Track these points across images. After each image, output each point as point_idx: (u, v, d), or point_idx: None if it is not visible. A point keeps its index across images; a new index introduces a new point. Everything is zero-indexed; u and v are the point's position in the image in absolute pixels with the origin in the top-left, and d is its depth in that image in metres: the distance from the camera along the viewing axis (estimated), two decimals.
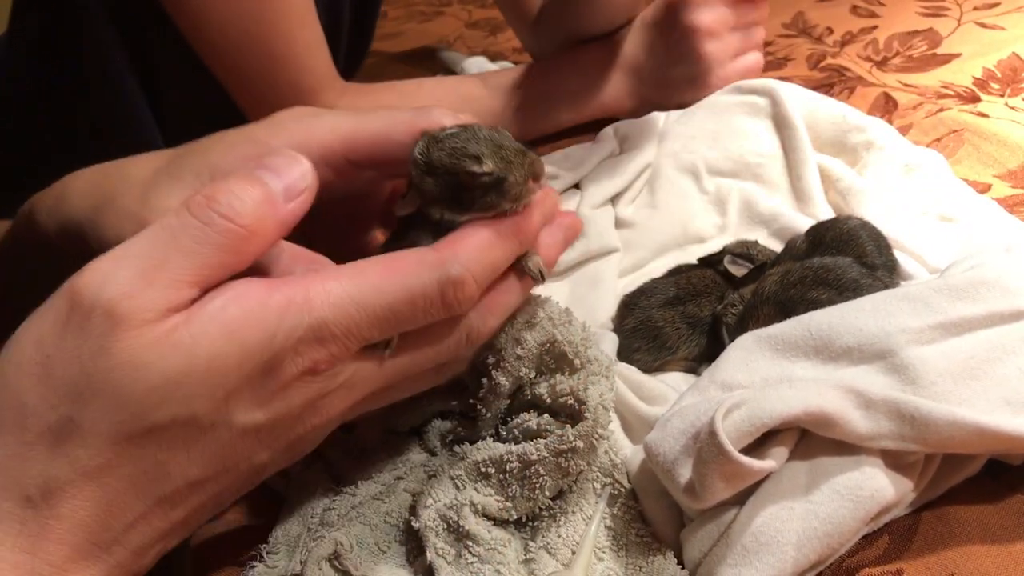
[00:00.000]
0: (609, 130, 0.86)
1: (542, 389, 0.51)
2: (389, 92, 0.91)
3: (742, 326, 0.59)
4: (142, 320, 0.36)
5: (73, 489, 0.36)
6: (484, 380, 0.51)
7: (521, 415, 0.52)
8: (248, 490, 0.43)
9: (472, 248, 0.42)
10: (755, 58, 0.94)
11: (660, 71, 0.93)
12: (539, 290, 0.71)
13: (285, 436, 0.41)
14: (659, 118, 0.85)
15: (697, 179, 0.79)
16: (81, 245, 0.50)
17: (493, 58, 1.06)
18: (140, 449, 0.36)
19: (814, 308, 0.55)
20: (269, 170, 0.40)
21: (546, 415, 0.51)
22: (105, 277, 0.36)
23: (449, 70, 1.07)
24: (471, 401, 0.53)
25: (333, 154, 0.49)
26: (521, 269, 0.48)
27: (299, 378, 0.39)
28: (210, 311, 0.37)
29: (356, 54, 1.10)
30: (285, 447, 0.41)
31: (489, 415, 0.53)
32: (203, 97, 0.94)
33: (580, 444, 0.49)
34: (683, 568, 0.49)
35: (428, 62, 1.13)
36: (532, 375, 0.51)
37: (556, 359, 0.51)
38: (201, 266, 0.37)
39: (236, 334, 0.37)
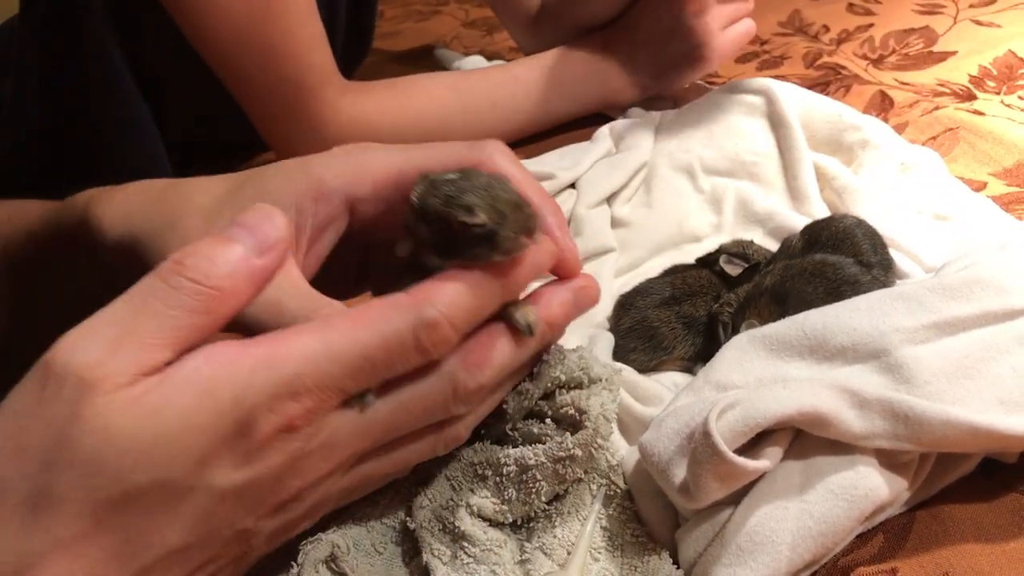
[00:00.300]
0: (605, 129, 0.86)
1: (544, 403, 0.51)
2: (389, 90, 0.91)
3: (740, 315, 0.59)
4: (113, 385, 0.35)
5: (49, 563, 0.34)
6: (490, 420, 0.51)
7: (523, 421, 0.52)
8: (243, 570, 0.42)
9: (448, 292, 0.41)
10: (746, 26, 0.94)
11: (655, 55, 0.93)
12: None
13: (268, 500, 0.39)
14: (655, 117, 0.86)
15: (693, 178, 0.79)
16: (137, 262, 0.50)
17: (490, 57, 1.06)
18: (117, 517, 0.35)
19: (805, 301, 0.55)
20: (241, 227, 0.39)
21: (548, 420, 0.51)
22: (76, 345, 0.36)
23: (445, 70, 1.07)
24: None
25: (386, 188, 0.49)
26: (514, 323, 0.46)
27: (276, 436, 0.37)
28: (182, 372, 0.36)
29: (355, 54, 1.10)
30: (270, 512, 0.40)
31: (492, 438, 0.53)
32: (203, 97, 0.94)
33: (578, 452, 0.49)
34: (678, 568, 0.49)
35: (425, 61, 1.13)
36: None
37: (559, 387, 0.51)
38: (172, 328, 0.37)
39: (207, 393, 0.36)
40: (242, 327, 0.45)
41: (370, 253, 0.55)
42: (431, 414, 0.43)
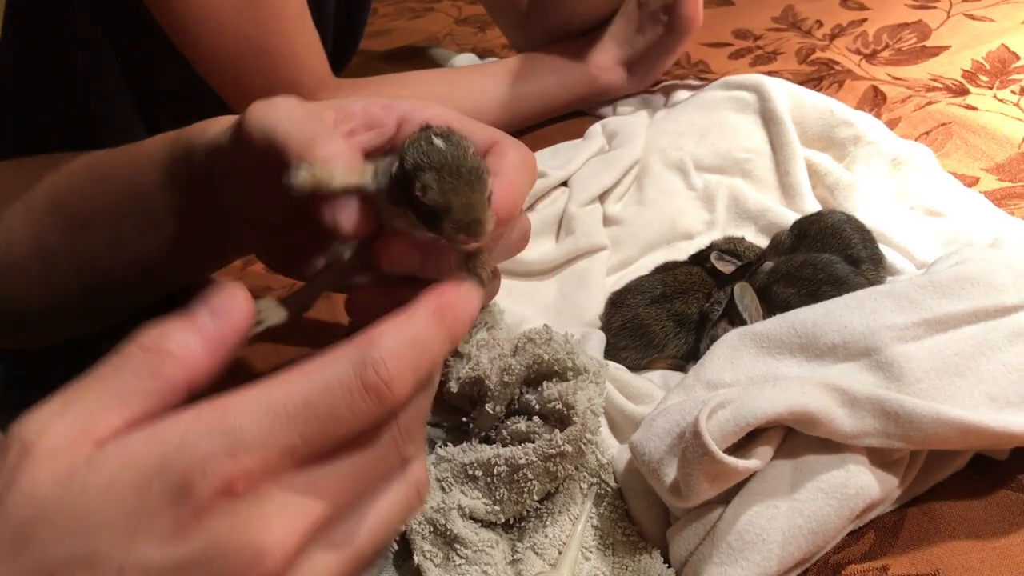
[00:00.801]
0: (597, 127, 0.86)
1: (531, 396, 0.51)
2: (383, 86, 0.91)
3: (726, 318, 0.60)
4: (49, 450, 0.33)
5: None
6: (476, 408, 0.51)
7: (511, 418, 0.52)
8: None
9: (392, 334, 0.37)
10: None
11: (637, 33, 0.95)
12: (530, 286, 0.71)
13: None
14: (646, 114, 0.86)
15: (685, 176, 0.79)
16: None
17: (482, 55, 1.06)
18: None
19: (788, 306, 0.56)
20: (203, 305, 0.38)
21: (535, 418, 0.51)
22: (32, 413, 0.34)
23: (438, 67, 1.07)
24: (463, 419, 0.53)
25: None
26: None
27: (214, 501, 0.33)
28: (116, 440, 0.34)
29: (343, 52, 1.10)
30: None
31: (481, 433, 0.53)
32: (193, 100, 0.94)
33: (568, 448, 0.49)
34: (669, 567, 0.49)
35: (417, 59, 1.13)
36: (522, 390, 0.51)
37: (544, 375, 0.51)
38: (119, 392, 0.35)
39: (133, 457, 0.33)
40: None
41: None
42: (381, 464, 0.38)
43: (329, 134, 0.48)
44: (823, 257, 0.61)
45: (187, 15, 0.78)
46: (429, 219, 0.42)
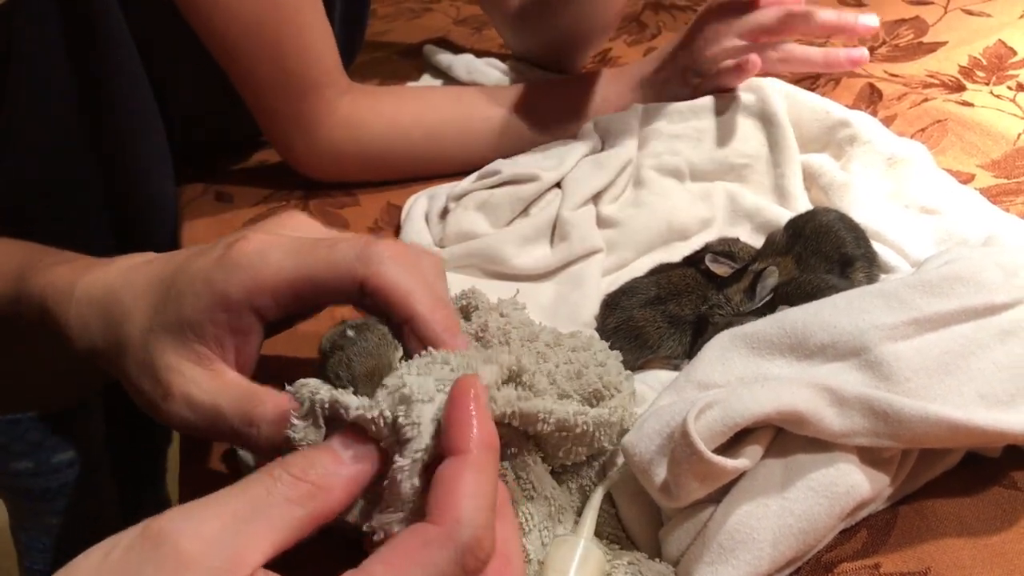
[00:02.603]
0: (589, 125, 0.86)
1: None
2: (388, 95, 0.91)
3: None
4: (209, 570, 0.34)
5: None
6: None
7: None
8: None
9: (467, 499, 0.37)
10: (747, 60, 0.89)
11: (664, 83, 0.91)
12: (524, 287, 0.72)
13: None
14: (639, 108, 0.85)
15: (680, 181, 0.79)
16: (109, 369, 0.54)
17: (480, 55, 1.06)
18: None
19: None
20: (339, 436, 0.41)
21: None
22: (179, 517, 0.35)
23: (436, 68, 1.08)
24: None
25: (284, 296, 0.49)
26: None
27: None
28: None
29: (347, 52, 1.10)
30: None
31: None
32: (205, 90, 0.94)
33: (615, 419, 0.50)
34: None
35: (415, 59, 1.13)
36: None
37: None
38: (270, 520, 0.36)
39: None
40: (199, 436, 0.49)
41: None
42: None
43: (261, 398, 0.48)
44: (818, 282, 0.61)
45: (204, 4, 0.79)
46: None
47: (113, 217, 0.96)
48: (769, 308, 0.60)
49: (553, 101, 0.91)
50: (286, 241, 0.50)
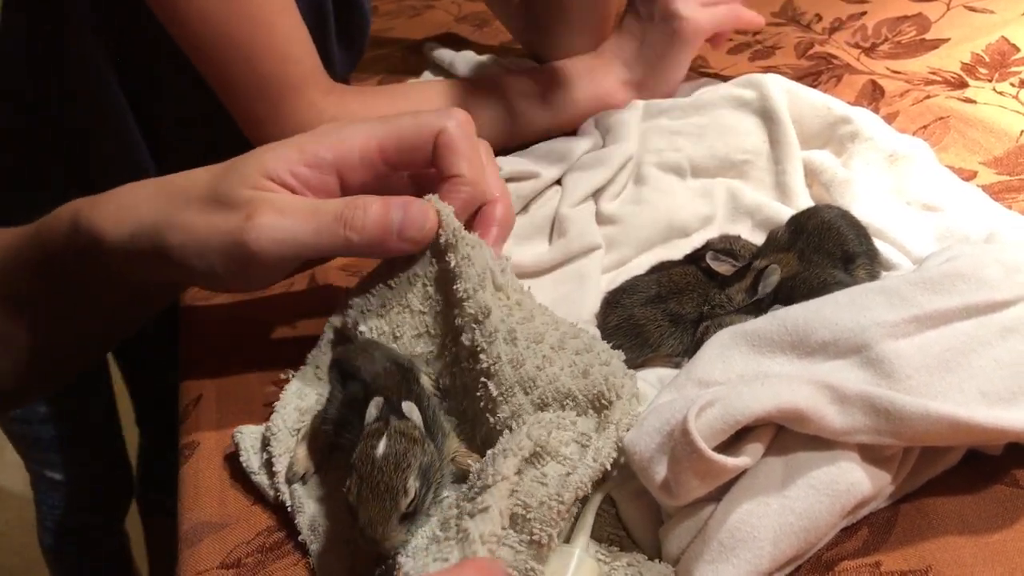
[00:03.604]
0: (591, 122, 0.86)
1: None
2: (377, 95, 0.90)
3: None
4: None
5: None
6: None
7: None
8: None
9: None
10: (725, 10, 0.91)
11: (641, 48, 0.91)
12: (524, 284, 0.72)
13: None
14: (639, 105, 0.85)
15: (682, 177, 0.79)
16: (141, 259, 0.55)
17: (481, 52, 1.06)
18: None
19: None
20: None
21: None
22: None
23: (438, 65, 1.07)
24: None
25: (370, 158, 0.55)
26: None
27: None
28: None
29: (349, 52, 1.10)
30: None
31: None
32: (194, 101, 0.94)
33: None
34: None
35: (417, 57, 1.13)
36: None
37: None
38: None
39: None
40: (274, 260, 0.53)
41: None
42: None
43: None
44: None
45: (172, 7, 0.78)
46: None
47: None
48: (763, 305, 0.60)
49: (553, 96, 0.90)
50: (372, 116, 0.57)
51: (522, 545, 0.46)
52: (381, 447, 0.48)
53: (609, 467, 0.49)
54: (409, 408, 0.50)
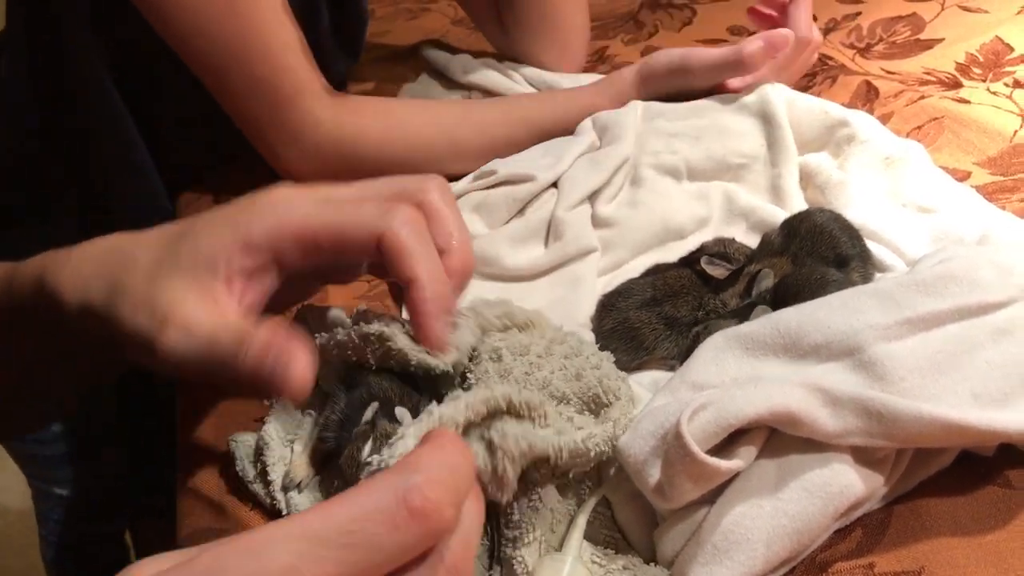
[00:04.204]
0: (588, 122, 0.86)
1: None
2: (376, 115, 0.89)
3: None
4: None
5: None
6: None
7: None
8: None
9: (429, 455, 0.36)
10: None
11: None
12: (519, 287, 0.72)
13: None
14: (638, 106, 0.85)
15: (678, 180, 0.79)
16: (96, 327, 0.53)
17: (477, 55, 1.06)
18: None
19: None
20: None
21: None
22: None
23: (433, 68, 1.08)
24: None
25: (306, 245, 0.51)
26: None
27: None
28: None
29: (347, 54, 1.10)
30: None
31: None
32: (189, 104, 0.94)
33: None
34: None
35: (413, 60, 1.13)
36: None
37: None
38: None
39: None
40: (189, 371, 0.49)
41: (286, 284, 0.56)
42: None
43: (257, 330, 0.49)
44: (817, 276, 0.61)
45: (169, 11, 0.79)
46: None
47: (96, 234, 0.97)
48: (749, 309, 0.60)
49: (546, 115, 0.90)
50: (315, 192, 0.52)
51: (486, 465, 0.45)
52: (366, 451, 0.48)
53: (593, 453, 0.48)
54: (402, 413, 0.50)
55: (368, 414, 0.51)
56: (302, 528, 0.33)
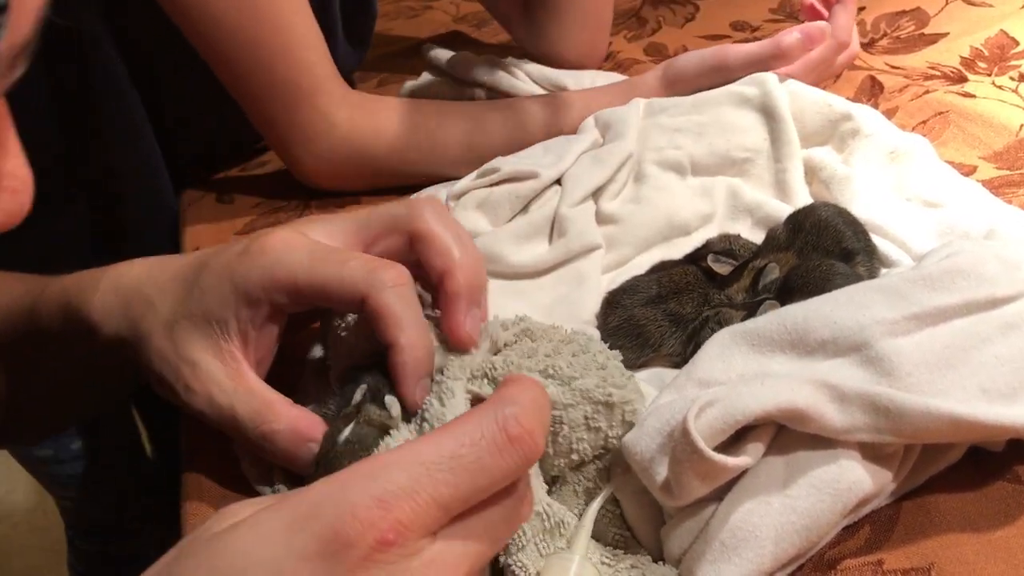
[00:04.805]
0: (590, 120, 0.85)
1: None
2: (390, 117, 0.88)
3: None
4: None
5: None
6: None
7: None
8: None
9: (521, 388, 0.39)
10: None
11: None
12: (524, 284, 0.72)
13: None
14: (640, 103, 0.85)
15: (681, 175, 0.79)
16: (131, 356, 0.56)
17: (479, 52, 1.06)
18: None
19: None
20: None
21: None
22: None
23: (436, 66, 1.07)
24: None
25: (292, 293, 0.53)
26: None
27: (365, 551, 0.34)
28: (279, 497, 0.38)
29: (354, 53, 1.10)
30: None
31: None
32: (191, 105, 0.94)
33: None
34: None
35: (416, 58, 1.13)
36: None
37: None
38: None
39: (286, 505, 0.35)
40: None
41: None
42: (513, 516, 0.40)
43: (276, 413, 0.53)
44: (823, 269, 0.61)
45: (188, 6, 0.78)
46: None
47: (106, 228, 0.96)
48: (758, 304, 0.60)
49: (562, 121, 0.89)
50: (304, 245, 0.54)
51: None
52: (345, 432, 0.48)
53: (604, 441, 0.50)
54: (391, 402, 0.50)
55: (357, 396, 0.50)
56: (415, 455, 0.36)
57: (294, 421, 0.53)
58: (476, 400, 0.51)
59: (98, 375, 0.63)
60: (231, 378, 0.53)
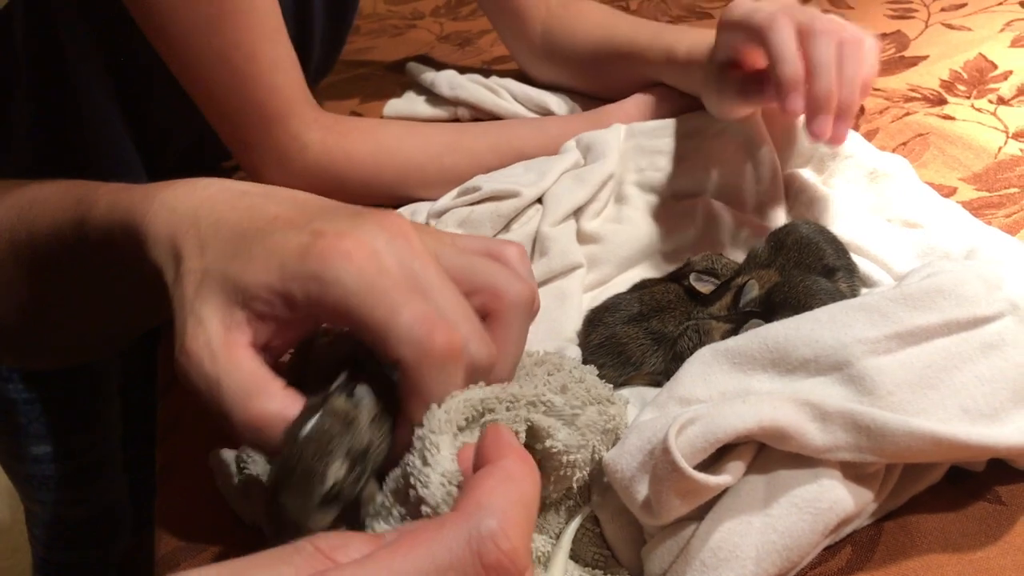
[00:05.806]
0: (572, 141, 0.85)
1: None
2: (364, 142, 0.87)
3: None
4: None
5: None
6: None
7: None
8: None
9: (501, 490, 0.33)
10: None
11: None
12: None
13: None
14: (621, 128, 0.85)
15: (662, 197, 0.79)
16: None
17: (463, 71, 1.06)
18: None
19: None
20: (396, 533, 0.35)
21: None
22: None
23: (419, 84, 1.07)
24: None
25: (337, 319, 0.49)
26: None
27: None
28: None
29: (323, 67, 1.10)
30: None
31: None
32: (181, 114, 0.93)
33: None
34: None
35: (399, 76, 1.13)
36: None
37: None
38: None
39: None
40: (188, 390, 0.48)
41: None
42: None
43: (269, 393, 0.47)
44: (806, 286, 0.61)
45: (157, 18, 0.77)
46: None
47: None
48: (743, 319, 0.60)
49: (538, 145, 0.89)
50: (371, 269, 0.47)
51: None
52: (308, 427, 0.45)
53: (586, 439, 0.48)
54: (362, 392, 0.47)
55: (337, 381, 0.47)
56: None
57: (284, 404, 0.47)
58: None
59: (135, 293, 0.59)
60: (226, 347, 0.48)
